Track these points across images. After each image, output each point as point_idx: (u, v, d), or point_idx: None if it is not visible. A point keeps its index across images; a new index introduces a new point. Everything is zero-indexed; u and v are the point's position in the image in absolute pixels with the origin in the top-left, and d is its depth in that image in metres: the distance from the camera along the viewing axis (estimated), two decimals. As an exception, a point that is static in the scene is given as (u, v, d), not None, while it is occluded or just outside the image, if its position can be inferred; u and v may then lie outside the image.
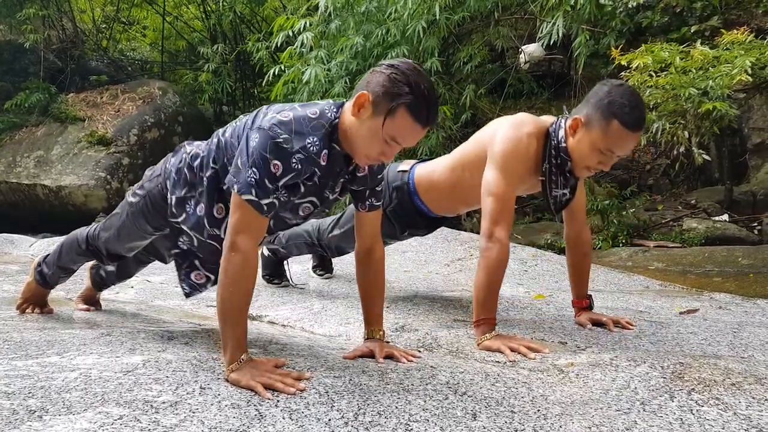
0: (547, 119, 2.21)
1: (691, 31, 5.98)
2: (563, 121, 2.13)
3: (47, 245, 4.40)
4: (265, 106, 1.72)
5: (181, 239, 1.86)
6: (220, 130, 1.80)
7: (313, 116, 1.63)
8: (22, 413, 1.28)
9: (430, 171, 2.49)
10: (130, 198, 1.98)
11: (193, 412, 1.33)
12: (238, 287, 1.57)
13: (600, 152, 2.02)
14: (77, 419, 1.27)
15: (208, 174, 1.75)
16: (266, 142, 1.56)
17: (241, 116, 1.79)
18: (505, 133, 2.14)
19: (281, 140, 1.56)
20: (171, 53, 12.70)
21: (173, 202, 1.82)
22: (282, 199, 1.66)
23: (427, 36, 6.38)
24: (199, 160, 1.80)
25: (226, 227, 1.64)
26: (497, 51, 7.42)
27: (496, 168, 2.11)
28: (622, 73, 4.62)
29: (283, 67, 6.84)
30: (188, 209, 1.79)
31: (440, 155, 2.63)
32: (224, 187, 1.70)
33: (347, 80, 6.64)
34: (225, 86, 10.39)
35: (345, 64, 6.63)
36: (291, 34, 6.78)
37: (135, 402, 1.35)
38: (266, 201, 1.58)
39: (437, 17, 6.09)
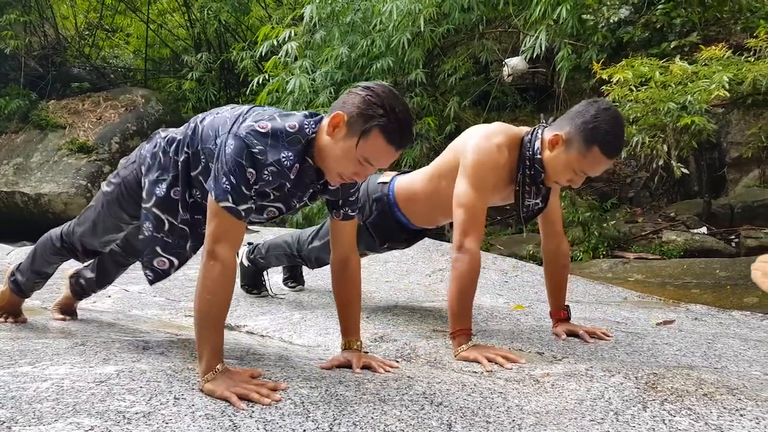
0: (522, 129, 2.22)
1: (671, 46, 6.07)
2: (540, 131, 2.13)
3: (25, 254, 4.33)
4: (246, 107, 1.73)
5: (146, 224, 1.82)
6: (199, 116, 1.80)
7: (291, 130, 1.63)
8: (-9, 424, 1.26)
9: (409, 182, 2.49)
10: (104, 188, 1.97)
11: (167, 423, 1.32)
12: (217, 297, 1.58)
13: (573, 171, 2.05)
14: (47, 430, 1.25)
15: (182, 159, 1.76)
16: (242, 150, 1.58)
17: (224, 107, 1.79)
18: (476, 143, 2.16)
19: (256, 151, 1.58)
20: (154, 61, 12.64)
21: (146, 186, 1.81)
22: (255, 204, 1.68)
23: (412, 48, 6.42)
24: (174, 144, 1.80)
25: (194, 211, 1.72)
26: (481, 64, 7.50)
27: (466, 179, 2.12)
28: (603, 87, 4.68)
29: (267, 77, 6.85)
30: (157, 192, 1.78)
31: (423, 166, 2.64)
32: (193, 174, 1.75)
33: (332, 90, 6.66)
34: (209, 95, 10.37)
35: (330, 74, 6.66)
36: (276, 43, 6.80)
37: (107, 412, 1.34)
38: (243, 207, 1.60)
39: (422, 29, 6.14)
